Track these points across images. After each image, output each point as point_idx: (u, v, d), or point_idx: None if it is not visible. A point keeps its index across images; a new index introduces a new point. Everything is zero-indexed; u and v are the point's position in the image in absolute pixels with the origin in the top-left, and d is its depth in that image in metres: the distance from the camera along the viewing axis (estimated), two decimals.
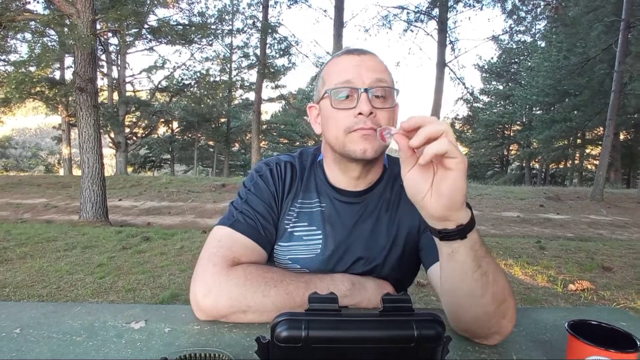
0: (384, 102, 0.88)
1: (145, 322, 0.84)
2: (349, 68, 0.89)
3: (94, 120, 7.41)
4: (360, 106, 0.85)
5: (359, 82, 0.87)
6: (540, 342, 0.80)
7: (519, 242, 5.94)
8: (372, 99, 0.86)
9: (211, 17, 18.87)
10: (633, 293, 3.69)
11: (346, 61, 0.91)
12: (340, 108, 0.88)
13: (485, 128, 28.93)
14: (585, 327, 0.67)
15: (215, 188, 12.84)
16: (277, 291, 0.82)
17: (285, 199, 0.99)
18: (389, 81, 0.90)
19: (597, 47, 14.25)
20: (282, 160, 1.03)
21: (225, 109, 25.56)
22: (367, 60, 0.90)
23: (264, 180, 0.99)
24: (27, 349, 0.72)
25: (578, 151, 26.93)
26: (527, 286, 3.86)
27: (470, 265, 0.68)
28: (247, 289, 0.82)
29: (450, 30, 16.46)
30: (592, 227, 8.36)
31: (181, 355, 0.66)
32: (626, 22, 11.23)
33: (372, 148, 0.87)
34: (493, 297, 0.71)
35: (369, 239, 0.98)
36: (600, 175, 11.98)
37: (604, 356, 0.61)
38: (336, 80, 0.89)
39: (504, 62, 28.89)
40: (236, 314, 0.82)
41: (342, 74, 0.89)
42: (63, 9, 7.01)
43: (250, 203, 0.96)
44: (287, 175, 1.00)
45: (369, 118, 0.85)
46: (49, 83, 14.50)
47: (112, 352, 0.72)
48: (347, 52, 0.94)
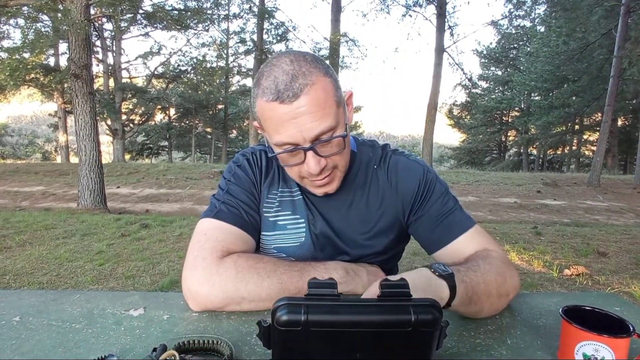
0: (332, 146, 0.83)
1: (144, 309, 0.84)
2: (285, 125, 0.78)
3: (90, 107, 7.35)
4: (309, 167, 0.82)
5: (300, 139, 0.79)
6: (534, 327, 0.81)
7: (516, 228, 5.98)
8: (320, 148, 0.82)
9: (207, 1, 18.58)
10: (627, 278, 3.73)
11: (280, 115, 0.78)
12: (289, 165, 0.87)
13: (484, 114, 28.82)
14: (579, 313, 0.68)
15: (213, 175, 12.82)
16: (270, 282, 0.82)
17: (263, 185, 1.00)
18: (332, 117, 0.80)
19: (597, 32, 14.12)
20: (257, 149, 1.04)
21: (223, 95, 25.30)
22: (303, 107, 0.76)
23: (242, 170, 0.99)
24: (27, 336, 0.73)
25: (576, 137, 26.91)
26: (524, 271, 3.90)
27: (461, 311, 0.78)
28: (240, 281, 0.82)
29: (449, 15, 16.28)
30: (589, 213, 8.41)
31: (180, 342, 0.66)
32: (626, 7, 11.12)
33: (333, 187, 0.90)
34: (489, 309, 0.82)
35: (352, 224, 0.99)
36: (597, 162, 12.01)
37: (597, 341, 0.62)
38: (275, 137, 0.81)
39: (502, 47, 28.62)
40: (230, 305, 0.83)
41: (280, 132, 0.79)
42: None
43: (232, 192, 0.96)
44: (263, 163, 1.01)
45: (322, 171, 0.84)
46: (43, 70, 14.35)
47: (112, 339, 0.72)
48: (278, 99, 0.77)
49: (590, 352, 0.63)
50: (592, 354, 0.63)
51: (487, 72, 30.37)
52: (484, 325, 0.81)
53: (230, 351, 0.65)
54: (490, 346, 0.73)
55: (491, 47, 28.81)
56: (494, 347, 0.73)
